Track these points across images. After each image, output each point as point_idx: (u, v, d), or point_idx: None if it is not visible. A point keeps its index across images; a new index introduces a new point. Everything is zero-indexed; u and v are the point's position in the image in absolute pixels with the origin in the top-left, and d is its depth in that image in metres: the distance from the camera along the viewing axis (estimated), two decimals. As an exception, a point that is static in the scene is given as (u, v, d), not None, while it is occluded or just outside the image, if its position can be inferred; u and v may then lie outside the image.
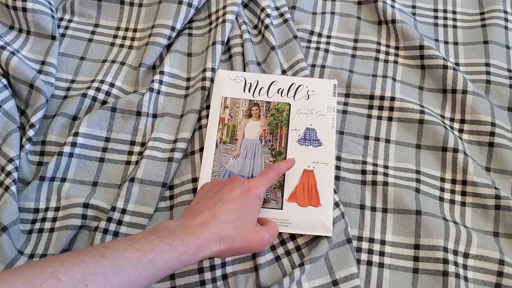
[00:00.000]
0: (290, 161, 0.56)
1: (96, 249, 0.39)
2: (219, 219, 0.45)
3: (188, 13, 0.69)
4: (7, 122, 0.60)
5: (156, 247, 0.40)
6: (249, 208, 0.48)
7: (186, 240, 0.42)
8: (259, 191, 0.49)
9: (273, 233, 0.50)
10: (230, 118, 0.62)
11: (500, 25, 0.70)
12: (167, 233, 0.42)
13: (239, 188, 0.48)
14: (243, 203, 0.47)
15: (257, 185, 0.49)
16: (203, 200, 0.49)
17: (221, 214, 0.46)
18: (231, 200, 0.47)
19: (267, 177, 0.51)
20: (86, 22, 0.72)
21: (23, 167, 0.59)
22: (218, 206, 0.47)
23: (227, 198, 0.47)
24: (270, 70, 0.66)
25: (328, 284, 0.54)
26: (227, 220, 0.45)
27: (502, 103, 0.65)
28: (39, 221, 0.57)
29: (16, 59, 0.63)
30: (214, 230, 0.44)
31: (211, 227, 0.44)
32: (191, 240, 0.42)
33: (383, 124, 0.64)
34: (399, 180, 0.60)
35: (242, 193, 0.48)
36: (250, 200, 0.48)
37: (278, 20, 0.72)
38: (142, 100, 0.63)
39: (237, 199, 0.47)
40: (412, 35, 0.68)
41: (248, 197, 0.48)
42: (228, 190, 0.48)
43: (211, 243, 0.44)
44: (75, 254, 0.38)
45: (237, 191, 0.48)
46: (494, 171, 0.61)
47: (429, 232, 0.56)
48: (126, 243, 0.40)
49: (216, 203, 0.47)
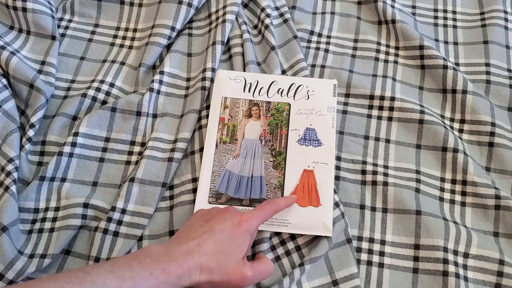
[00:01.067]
0: (290, 199, 0.55)
1: (76, 275, 0.38)
2: (204, 250, 0.45)
3: (188, 13, 0.69)
4: (7, 122, 0.60)
5: (137, 274, 0.40)
6: (236, 242, 0.47)
7: (167, 269, 0.42)
8: (250, 225, 0.48)
9: (260, 272, 0.48)
10: (230, 118, 0.62)
11: (500, 25, 0.70)
12: (149, 260, 0.42)
13: (230, 220, 0.47)
14: (231, 236, 0.46)
15: (249, 219, 0.48)
16: (192, 227, 0.48)
17: (207, 245, 0.45)
18: (219, 231, 0.46)
19: (262, 212, 0.50)
20: (86, 22, 0.72)
21: (23, 167, 0.59)
22: (205, 236, 0.46)
23: (216, 229, 0.46)
24: (270, 70, 0.66)
25: (328, 284, 0.54)
26: (211, 252, 0.45)
27: (502, 103, 0.65)
28: (39, 221, 0.57)
29: (16, 59, 0.63)
30: (197, 260, 0.44)
31: (194, 257, 0.44)
32: (173, 268, 0.42)
33: (383, 124, 0.64)
34: (399, 180, 0.60)
35: (232, 225, 0.47)
36: (239, 234, 0.47)
37: (278, 20, 0.72)
38: (142, 100, 0.63)
39: (226, 231, 0.46)
40: (412, 35, 0.68)
41: (238, 230, 0.47)
42: (219, 221, 0.47)
43: (192, 273, 0.43)
44: (54, 279, 0.37)
45: (228, 223, 0.47)
46: (494, 171, 0.61)
47: (429, 232, 0.56)
48: (107, 269, 0.39)
49: (204, 232, 0.46)
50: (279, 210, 0.53)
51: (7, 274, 0.52)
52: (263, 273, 0.49)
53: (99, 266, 0.40)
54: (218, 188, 0.58)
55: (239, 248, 0.47)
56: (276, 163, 0.59)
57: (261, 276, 0.48)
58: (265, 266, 0.49)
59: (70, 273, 0.39)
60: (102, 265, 0.40)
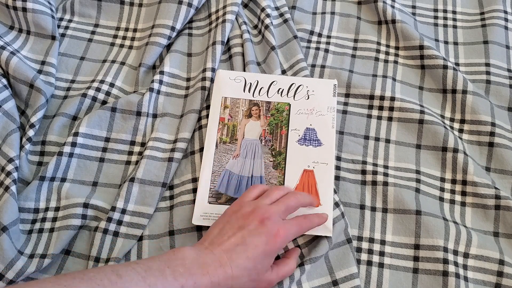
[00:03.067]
0: (323, 218, 0.53)
1: (109, 277, 0.38)
2: (236, 265, 0.43)
3: (188, 13, 0.69)
4: (7, 122, 0.60)
5: (168, 285, 0.40)
6: (269, 256, 0.46)
7: (198, 282, 0.41)
8: (285, 241, 0.46)
9: (283, 275, 0.49)
10: (230, 118, 0.62)
11: (500, 25, 0.70)
12: (182, 269, 0.41)
13: (266, 236, 0.45)
14: (265, 253, 0.45)
15: (285, 235, 0.46)
16: (225, 231, 0.46)
17: (240, 259, 0.44)
18: (253, 247, 0.44)
19: (299, 227, 0.48)
20: (86, 22, 0.72)
21: (23, 167, 0.59)
22: (238, 249, 0.44)
23: (250, 243, 0.44)
24: (270, 70, 0.66)
25: (328, 284, 0.54)
26: (244, 267, 0.44)
27: (502, 103, 0.65)
28: (39, 221, 0.57)
29: (16, 59, 0.63)
30: (229, 273, 0.43)
31: (226, 271, 0.43)
32: (204, 282, 0.41)
33: (383, 124, 0.64)
34: (399, 180, 0.60)
35: (268, 242, 0.45)
36: (273, 251, 0.45)
37: (278, 20, 0.72)
38: (142, 100, 0.63)
39: (260, 248, 0.44)
40: (412, 35, 0.68)
41: (273, 247, 0.45)
42: (254, 233, 0.45)
43: (221, 285, 0.43)
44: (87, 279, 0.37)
45: (263, 239, 0.45)
46: (494, 171, 0.61)
47: (429, 232, 0.56)
48: (140, 274, 0.39)
49: (237, 245, 0.44)
50: (312, 227, 0.52)
51: (7, 274, 0.51)
52: (286, 275, 0.50)
53: (132, 268, 0.40)
54: (218, 188, 0.58)
55: (271, 261, 0.47)
56: (276, 163, 0.59)
57: (284, 277, 0.50)
58: (288, 268, 0.50)
59: (103, 273, 0.38)
60: (135, 267, 0.40)
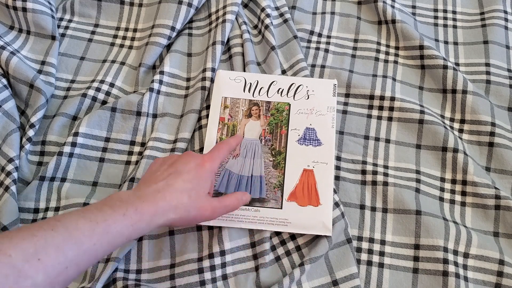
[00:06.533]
0: (238, 137, 0.58)
1: (48, 222, 0.38)
2: (174, 188, 0.46)
3: (188, 13, 0.69)
4: (7, 122, 0.60)
5: (109, 217, 0.40)
6: (203, 180, 0.48)
7: (139, 208, 0.42)
8: (213, 165, 0.50)
9: (227, 206, 0.51)
10: (230, 118, 0.62)
11: (500, 25, 0.70)
12: (120, 203, 0.42)
13: (194, 162, 0.49)
14: (197, 175, 0.48)
15: (211, 159, 0.50)
16: (157, 171, 0.49)
17: (176, 184, 0.46)
18: (186, 172, 0.48)
19: (219, 152, 0.52)
20: (86, 22, 0.72)
21: (23, 167, 0.59)
22: (172, 176, 0.47)
23: (182, 169, 0.48)
24: (270, 70, 0.66)
25: (328, 284, 0.54)
26: (182, 190, 0.46)
27: (502, 103, 0.65)
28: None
29: (16, 59, 0.63)
30: (169, 198, 0.45)
31: (165, 196, 0.45)
32: (145, 207, 0.42)
33: (383, 124, 0.64)
34: (399, 180, 0.60)
35: (197, 165, 0.49)
36: (204, 173, 0.49)
37: (278, 20, 0.72)
38: (142, 100, 0.63)
39: (192, 171, 0.48)
40: (412, 35, 0.68)
41: (203, 169, 0.49)
42: (183, 162, 0.49)
43: (166, 211, 0.44)
44: (25, 229, 0.37)
45: (192, 164, 0.49)
46: (494, 171, 0.61)
47: (429, 232, 0.56)
48: (79, 215, 0.39)
49: (171, 173, 0.47)
50: (232, 149, 0.55)
51: (7, 274, 0.51)
52: (230, 206, 0.51)
53: (69, 213, 0.40)
54: (218, 187, 0.58)
55: (206, 186, 0.49)
56: (276, 162, 0.59)
57: (228, 208, 0.51)
58: (230, 199, 0.52)
59: (41, 221, 0.38)
60: (72, 212, 0.40)
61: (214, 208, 0.49)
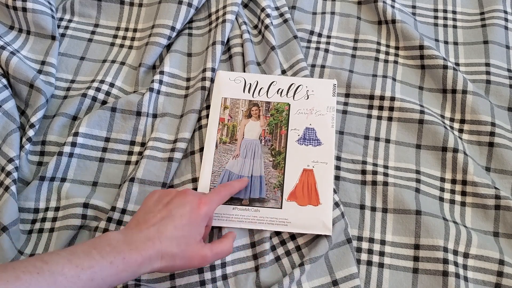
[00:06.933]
0: (243, 181, 0.57)
1: (34, 264, 0.38)
2: (164, 236, 0.45)
3: (188, 13, 0.69)
4: (7, 122, 0.60)
5: (96, 263, 0.40)
6: (196, 226, 0.47)
7: (127, 258, 0.41)
8: (209, 209, 0.48)
9: (218, 254, 0.49)
10: (230, 119, 0.62)
11: (500, 25, 0.70)
12: (109, 248, 0.41)
13: (190, 205, 0.47)
14: (190, 221, 0.47)
15: (208, 203, 0.49)
16: (151, 212, 0.47)
17: (167, 231, 0.45)
18: (179, 217, 0.46)
19: (218, 195, 0.51)
20: (86, 22, 0.72)
21: (23, 167, 0.59)
22: (165, 221, 0.46)
23: (175, 214, 0.46)
24: (270, 70, 0.66)
25: (328, 284, 0.54)
26: (172, 237, 0.45)
27: (502, 103, 0.65)
28: (39, 221, 0.57)
29: (16, 59, 0.63)
30: (158, 247, 0.44)
31: (155, 244, 0.44)
32: (133, 257, 0.42)
33: (383, 124, 0.64)
34: (399, 180, 0.60)
35: (192, 210, 0.47)
36: (198, 218, 0.47)
37: (278, 20, 0.72)
38: (142, 100, 0.63)
39: (186, 216, 0.46)
40: (412, 35, 0.68)
41: (197, 215, 0.47)
42: (178, 205, 0.47)
43: (152, 260, 0.43)
44: (11, 268, 0.37)
45: (187, 208, 0.47)
46: (494, 171, 0.61)
47: (429, 232, 0.56)
48: (66, 258, 0.39)
49: (163, 218, 0.46)
50: (234, 193, 0.55)
51: (7, 274, 0.52)
52: (221, 253, 0.49)
53: (57, 254, 0.39)
54: (218, 188, 0.58)
55: (198, 232, 0.48)
56: (275, 162, 0.59)
57: (219, 255, 0.49)
58: (223, 246, 0.50)
59: (27, 261, 0.38)
60: (60, 253, 0.40)
61: (204, 257, 0.47)
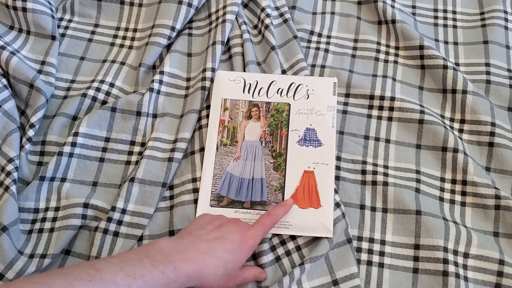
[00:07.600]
0: (286, 206, 0.56)
1: (86, 271, 0.38)
2: (215, 255, 0.46)
3: (188, 13, 0.69)
4: (7, 122, 0.60)
5: (147, 272, 0.40)
6: (242, 255, 0.49)
7: (178, 268, 0.42)
8: (255, 243, 0.50)
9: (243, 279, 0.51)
10: (230, 120, 0.62)
11: (500, 25, 0.70)
12: (161, 257, 0.42)
13: (240, 234, 0.49)
14: (240, 249, 0.48)
15: (255, 236, 0.50)
16: (203, 228, 0.49)
17: (218, 252, 0.46)
18: (230, 242, 0.47)
19: (265, 227, 0.52)
20: (86, 22, 0.72)
21: (23, 167, 0.59)
22: (217, 241, 0.47)
23: (227, 238, 0.48)
24: (270, 70, 0.66)
25: (328, 284, 0.54)
26: (221, 259, 0.46)
27: (502, 103, 0.65)
28: (39, 221, 0.57)
29: (16, 59, 0.63)
30: (208, 263, 0.45)
31: (206, 260, 0.45)
32: (184, 268, 0.42)
33: (383, 124, 0.64)
34: (399, 180, 0.60)
35: (242, 239, 0.48)
36: (246, 249, 0.49)
37: (278, 20, 0.72)
38: (142, 100, 0.63)
39: (236, 243, 0.48)
40: (412, 35, 0.68)
41: (245, 245, 0.49)
42: (230, 231, 0.49)
43: (199, 277, 0.44)
44: (64, 275, 0.37)
45: (237, 236, 0.48)
46: (494, 171, 0.61)
47: (429, 232, 0.56)
48: (118, 265, 0.39)
49: (216, 238, 0.47)
50: (278, 220, 0.55)
51: (7, 274, 0.52)
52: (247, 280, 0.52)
53: (109, 262, 0.40)
54: (219, 191, 0.58)
55: (243, 261, 0.49)
56: (276, 164, 0.59)
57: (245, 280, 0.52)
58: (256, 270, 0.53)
59: (80, 268, 0.38)
60: (112, 260, 0.40)
61: (244, 279, 0.51)
